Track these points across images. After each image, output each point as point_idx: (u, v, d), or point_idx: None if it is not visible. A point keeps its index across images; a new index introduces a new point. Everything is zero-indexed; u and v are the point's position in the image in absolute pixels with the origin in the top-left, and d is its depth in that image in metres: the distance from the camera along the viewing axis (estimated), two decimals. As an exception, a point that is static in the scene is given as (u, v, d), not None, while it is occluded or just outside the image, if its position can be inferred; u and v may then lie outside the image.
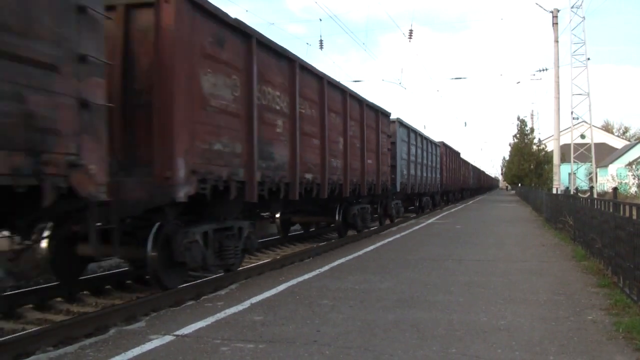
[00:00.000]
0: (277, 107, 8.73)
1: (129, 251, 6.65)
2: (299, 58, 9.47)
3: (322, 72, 10.79)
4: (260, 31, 7.66)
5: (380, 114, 15.39)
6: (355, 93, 13.12)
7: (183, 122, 6.21)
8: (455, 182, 36.81)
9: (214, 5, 6.79)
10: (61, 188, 4.47)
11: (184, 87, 6.25)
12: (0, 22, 3.95)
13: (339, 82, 12.01)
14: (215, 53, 6.90)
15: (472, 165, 55.49)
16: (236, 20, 7.32)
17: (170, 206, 6.46)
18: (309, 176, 9.97)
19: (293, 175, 9.22)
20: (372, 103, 14.54)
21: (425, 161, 23.48)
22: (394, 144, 17.66)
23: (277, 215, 12.36)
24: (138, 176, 6.18)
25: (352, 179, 12.58)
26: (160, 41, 6.09)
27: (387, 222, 17.97)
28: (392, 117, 17.28)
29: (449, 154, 33.07)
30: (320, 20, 65.18)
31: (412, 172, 20.74)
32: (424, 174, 23.34)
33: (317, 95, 10.59)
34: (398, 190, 18.13)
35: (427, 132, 25.71)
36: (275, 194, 8.69)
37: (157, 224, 6.43)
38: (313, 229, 15.08)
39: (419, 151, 22.19)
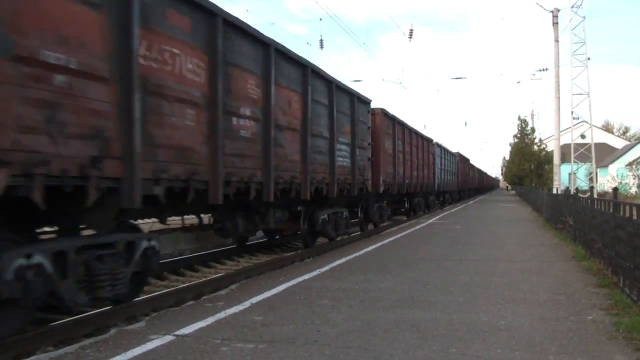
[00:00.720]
0: (400, 149, 17.75)
1: (349, 215, 13.33)
2: (407, 124, 18.97)
3: (411, 126, 19.91)
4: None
5: (429, 142, 24.55)
6: (420, 132, 22.18)
7: (381, 162, 14.97)
8: (466, 183, 44.64)
9: (391, 113, 16.33)
10: (367, 188, 13.38)
11: (381, 148, 15.04)
12: (360, 139, 12.81)
13: (417, 130, 21.37)
14: (387, 130, 16.06)
15: (476, 167, 62.87)
16: (392, 115, 16.62)
17: (377, 195, 15.27)
18: (407, 181, 18.95)
19: (404, 181, 18.29)
20: (426, 136, 23.70)
21: (448, 168, 31.48)
22: (434, 158, 25.32)
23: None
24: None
25: (420, 182, 21.55)
26: (375, 130, 14.68)
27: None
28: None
29: (462, 161, 41.49)
30: (321, 20, 65.55)
31: (442, 176, 28.72)
32: (448, 177, 31.20)
33: (409, 139, 19.46)
34: (436, 190, 26.56)
35: (427, 132, 29.04)
36: (398, 191, 17.54)
37: (361, 202, 14.55)
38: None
39: (445, 161, 30.00)
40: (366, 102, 13.70)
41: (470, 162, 52.37)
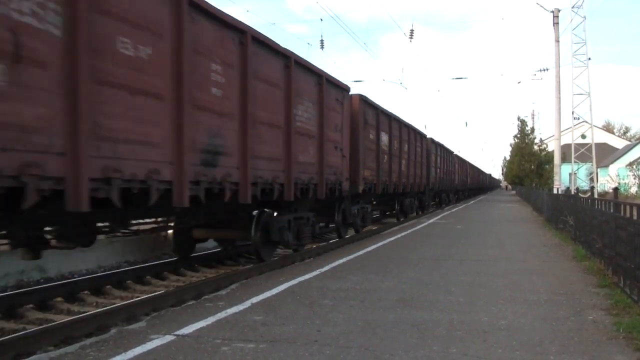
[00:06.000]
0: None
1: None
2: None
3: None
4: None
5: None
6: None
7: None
8: (465, 182, 44.50)
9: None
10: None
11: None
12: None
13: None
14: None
15: (477, 168, 63.91)
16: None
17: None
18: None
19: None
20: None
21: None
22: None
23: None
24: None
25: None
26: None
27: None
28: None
29: (460, 161, 41.63)
30: (322, 20, 65.58)
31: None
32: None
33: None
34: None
35: (428, 132, 28.14)
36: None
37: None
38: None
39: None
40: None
41: (471, 161, 52.89)
